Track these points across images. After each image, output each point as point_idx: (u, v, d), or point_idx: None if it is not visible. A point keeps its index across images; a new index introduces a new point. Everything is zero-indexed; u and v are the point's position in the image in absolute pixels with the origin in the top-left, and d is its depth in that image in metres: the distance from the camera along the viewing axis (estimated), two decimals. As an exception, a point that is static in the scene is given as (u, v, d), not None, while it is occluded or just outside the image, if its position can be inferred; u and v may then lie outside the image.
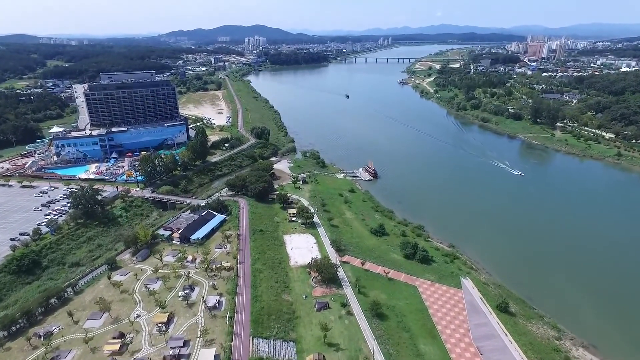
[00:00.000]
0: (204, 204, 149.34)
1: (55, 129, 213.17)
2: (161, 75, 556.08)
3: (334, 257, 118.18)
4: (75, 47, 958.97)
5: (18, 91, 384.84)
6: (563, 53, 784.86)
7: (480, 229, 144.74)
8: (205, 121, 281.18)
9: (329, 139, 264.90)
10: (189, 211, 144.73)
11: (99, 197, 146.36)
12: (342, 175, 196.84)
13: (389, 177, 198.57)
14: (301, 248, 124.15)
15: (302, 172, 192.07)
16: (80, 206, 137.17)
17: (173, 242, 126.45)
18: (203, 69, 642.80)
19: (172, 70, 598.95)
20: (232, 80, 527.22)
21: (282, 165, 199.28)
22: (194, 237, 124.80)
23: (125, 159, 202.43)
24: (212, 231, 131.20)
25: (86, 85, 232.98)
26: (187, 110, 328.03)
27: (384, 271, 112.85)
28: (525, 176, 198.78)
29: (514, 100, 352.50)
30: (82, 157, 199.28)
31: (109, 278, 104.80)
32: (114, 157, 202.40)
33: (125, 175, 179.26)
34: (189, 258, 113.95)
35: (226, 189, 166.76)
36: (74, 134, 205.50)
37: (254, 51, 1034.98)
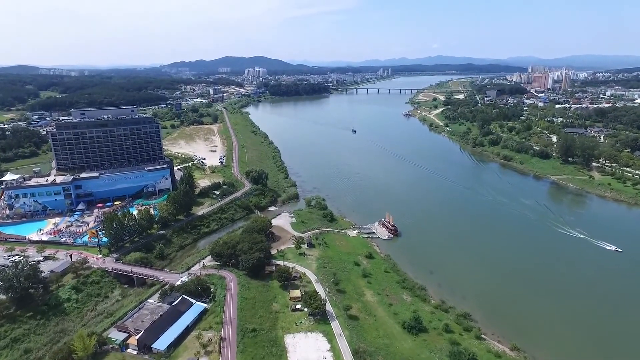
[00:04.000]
0: (179, 282, 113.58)
1: (9, 175, 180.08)
2: (156, 107, 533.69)
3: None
4: (72, 78, 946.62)
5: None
6: (568, 84, 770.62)
7: (552, 323, 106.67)
8: (195, 161, 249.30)
9: (335, 182, 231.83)
10: (157, 295, 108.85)
11: (42, 274, 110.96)
12: (355, 232, 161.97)
13: (412, 233, 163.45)
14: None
15: (306, 229, 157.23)
16: (11, 292, 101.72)
17: (129, 350, 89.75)
18: (200, 100, 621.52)
19: (168, 102, 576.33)
20: (230, 113, 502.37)
21: (282, 221, 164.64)
22: (157, 344, 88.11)
23: (95, 210, 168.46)
24: (186, 330, 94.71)
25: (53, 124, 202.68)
26: (178, 147, 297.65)
27: (434, 408, 76.04)
28: (624, 252, 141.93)
29: (535, 136, 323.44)
30: (40, 210, 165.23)
31: None
32: (80, 210, 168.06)
33: (87, 236, 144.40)
34: (145, 389, 77.25)
35: (210, 257, 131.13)
36: (33, 181, 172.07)
37: (254, 82, 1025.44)
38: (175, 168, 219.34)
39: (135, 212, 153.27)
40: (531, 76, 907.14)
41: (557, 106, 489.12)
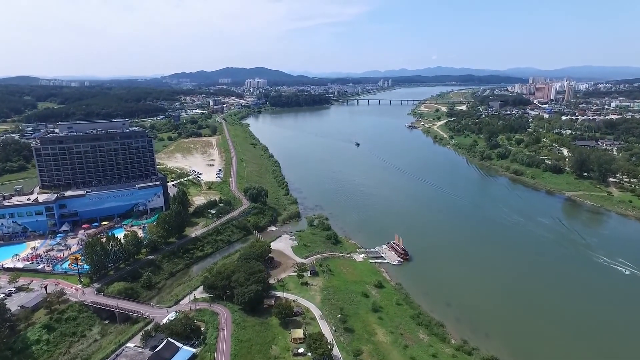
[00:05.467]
0: (165, 320, 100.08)
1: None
2: (154, 118, 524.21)
3: None
4: (72, 89, 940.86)
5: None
6: (571, 95, 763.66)
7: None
8: (191, 176, 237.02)
9: (339, 198, 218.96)
10: (139, 337, 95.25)
11: (8, 312, 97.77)
12: (362, 256, 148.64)
13: (423, 257, 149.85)
14: None
15: (309, 254, 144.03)
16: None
17: (101, 409, 76.14)
18: (200, 111, 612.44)
19: (166, 113, 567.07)
20: (230, 124, 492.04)
21: (282, 244, 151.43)
22: (134, 404, 74.58)
23: (79, 232, 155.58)
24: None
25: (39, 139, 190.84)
26: (174, 160, 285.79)
27: None
28: None
29: (545, 149, 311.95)
30: (20, 232, 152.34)
31: None
32: (63, 231, 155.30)
33: (68, 262, 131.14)
34: None
35: (202, 288, 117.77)
36: (14, 199, 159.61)
37: (254, 93, 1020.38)
38: (170, 183, 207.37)
39: (122, 235, 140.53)
40: (533, 87, 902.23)
41: (563, 117, 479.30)
